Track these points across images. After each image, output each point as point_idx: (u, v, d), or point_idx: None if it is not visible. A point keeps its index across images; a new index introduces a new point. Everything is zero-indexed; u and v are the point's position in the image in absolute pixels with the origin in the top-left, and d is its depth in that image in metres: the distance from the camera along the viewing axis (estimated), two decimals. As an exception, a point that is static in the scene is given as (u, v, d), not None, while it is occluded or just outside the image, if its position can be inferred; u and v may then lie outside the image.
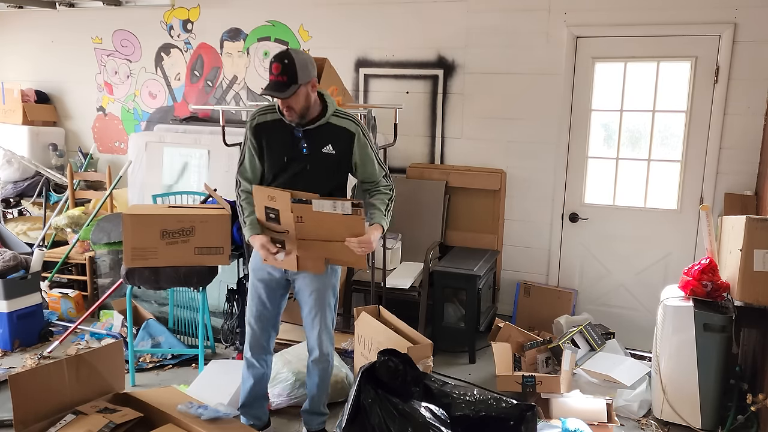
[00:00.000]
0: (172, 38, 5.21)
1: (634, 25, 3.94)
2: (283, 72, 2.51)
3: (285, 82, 2.51)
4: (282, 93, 2.51)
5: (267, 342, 2.95)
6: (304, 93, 2.58)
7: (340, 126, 2.68)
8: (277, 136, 2.70)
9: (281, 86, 2.51)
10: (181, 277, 3.51)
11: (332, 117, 2.69)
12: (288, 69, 2.51)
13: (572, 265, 4.38)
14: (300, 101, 2.58)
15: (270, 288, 2.86)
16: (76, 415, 2.57)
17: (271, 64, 2.55)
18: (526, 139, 4.32)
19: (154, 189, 4.94)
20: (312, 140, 2.67)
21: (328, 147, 2.67)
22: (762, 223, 2.89)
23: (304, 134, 2.66)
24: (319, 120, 2.66)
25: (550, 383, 3.29)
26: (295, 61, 2.52)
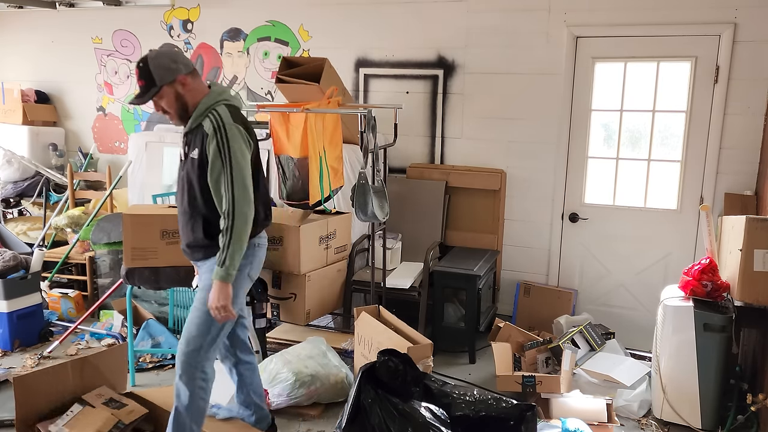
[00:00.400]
0: (172, 38, 5.21)
1: (634, 25, 3.94)
2: (140, 76, 2.41)
3: (144, 86, 2.42)
4: (140, 99, 2.43)
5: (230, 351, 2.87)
6: (172, 93, 2.44)
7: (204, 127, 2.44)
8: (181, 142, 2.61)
9: (141, 91, 2.42)
10: (181, 277, 3.51)
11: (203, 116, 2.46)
12: (143, 72, 2.40)
13: (572, 265, 4.38)
14: (171, 102, 2.46)
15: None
16: (82, 405, 2.57)
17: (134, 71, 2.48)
18: (526, 139, 4.32)
19: (154, 189, 4.94)
20: (186, 144, 2.51)
21: (194, 151, 2.46)
22: (762, 223, 2.89)
23: (184, 137, 2.53)
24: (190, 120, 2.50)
25: (550, 383, 3.29)
26: (149, 62, 2.39)
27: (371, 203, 3.28)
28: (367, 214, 3.48)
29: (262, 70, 4.98)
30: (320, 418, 3.29)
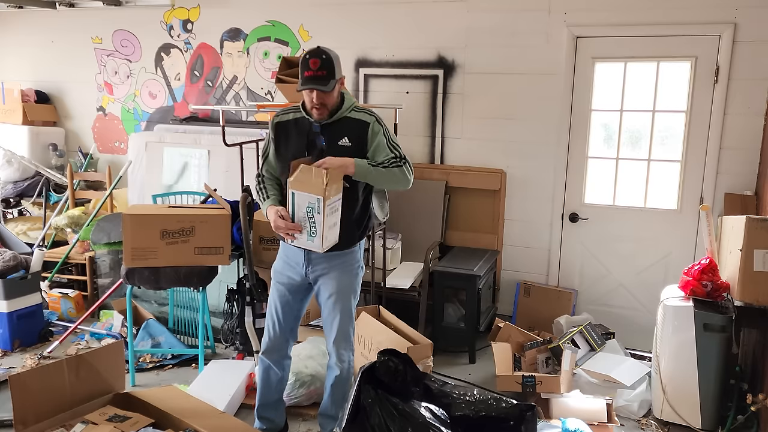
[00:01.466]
0: (172, 38, 5.21)
1: (634, 25, 3.94)
2: (322, 66, 2.54)
3: (324, 76, 2.55)
4: (324, 86, 2.55)
5: (283, 347, 2.92)
6: (338, 89, 2.65)
7: (356, 119, 2.70)
8: (295, 133, 2.73)
9: (321, 80, 2.55)
10: (181, 277, 3.51)
11: (350, 112, 2.71)
12: (326, 63, 2.55)
13: (572, 265, 4.38)
14: (334, 97, 2.64)
15: (291, 292, 2.85)
16: (85, 424, 2.57)
17: (306, 60, 2.56)
18: (526, 139, 4.32)
19: (154, 189, 4.94)
20: (329, 134, 2.68)
21: (344, 140, 2.67)
22: (762, 223, 2.89)
23: (321, 129, 2.68)
24: (337, 114, 2.68)
25: (550, 383, 3.29)
26: (331, 55, 2.58)
27: (372, 203, 3.27)
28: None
29: (262, 70, 4.98)
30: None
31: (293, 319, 2.91)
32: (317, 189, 2.45)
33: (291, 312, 2.88)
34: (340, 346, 2.80)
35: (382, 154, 2.69)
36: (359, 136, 2.68)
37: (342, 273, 2.77)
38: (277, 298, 2.86)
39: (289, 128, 2.75)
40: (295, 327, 2.95)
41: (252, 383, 3.48)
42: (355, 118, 2.70)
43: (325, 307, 2.81)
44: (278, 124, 2.78)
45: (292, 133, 2.74)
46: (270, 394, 2.98)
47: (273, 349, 2.91)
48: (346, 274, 2.78)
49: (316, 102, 2.60)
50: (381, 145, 2.69)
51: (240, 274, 3.98)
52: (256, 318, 3.55)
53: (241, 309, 3.61)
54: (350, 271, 2.80)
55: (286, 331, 2.90)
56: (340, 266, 2.76)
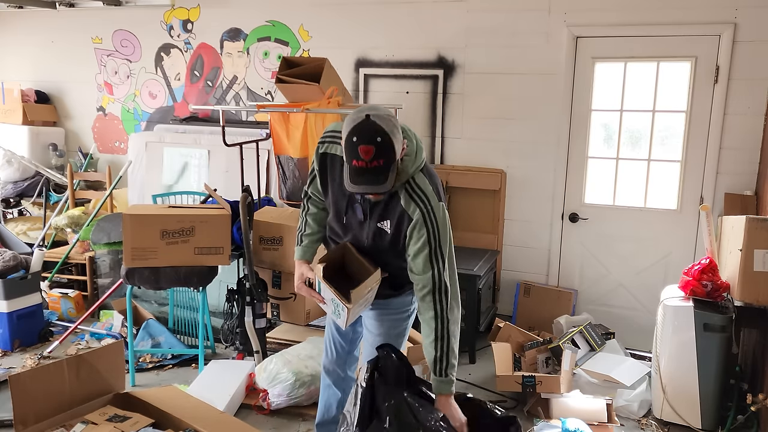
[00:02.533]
0: (172, 38, 5.21)
1: (634, 25, 3.94)
2: (378, 155, 1.90)
3: (382, 166, 1.92)
4: (383, 186, 1.94)
5: (341, 367, 2.63)
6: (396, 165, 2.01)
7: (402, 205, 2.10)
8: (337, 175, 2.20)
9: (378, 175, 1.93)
10: (181, 277, 3.51)
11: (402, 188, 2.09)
12: (384, 149, 1.91)
13: (572, 265, 4.38)
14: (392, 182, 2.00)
15: None
16: (85, 424, 2.57)
17: (355, 146, 1.91)
18: (526, 139, 4.32)
19: (154, 189, 4.95)
20: (370, 207, 2.16)
21: (385, 223, 2.14)
22: (762, 223, 2.90)
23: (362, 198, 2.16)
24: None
25: (550, 383, 3.29)
26: (388, 133, 1.92)
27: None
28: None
29: (262, 70, 4.98)
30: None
31: (350, 342, 2.60)
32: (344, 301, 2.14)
33: (345, 334, 2.57)
34: None
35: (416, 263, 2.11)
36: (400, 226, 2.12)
37: (388, 314, 2.39)
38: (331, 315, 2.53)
39: (335, 168, 2.20)
40: (352, 350, 2.62)
41: (252, 383, 3.48)
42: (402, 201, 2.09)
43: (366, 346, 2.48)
44: (324, 155, 2.23)
45: (336, 177, 2.20)
46: (330, 413, 2.70)
47: (331, 369, 2.64)
48: (392, 318, 2.40)
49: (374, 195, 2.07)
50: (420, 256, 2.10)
51: (240, 274, 3.98)
52: (256, 318, 3.56)
53: (241, 309, 3.61)
54: (397, 315, 2.41)
55: (343, 354, 2.61)
56: (386, 306, 2.39)
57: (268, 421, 3.28)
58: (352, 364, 2.67)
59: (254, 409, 3.38)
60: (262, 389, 3.39)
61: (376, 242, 2.20)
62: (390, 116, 1.98)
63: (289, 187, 4.59)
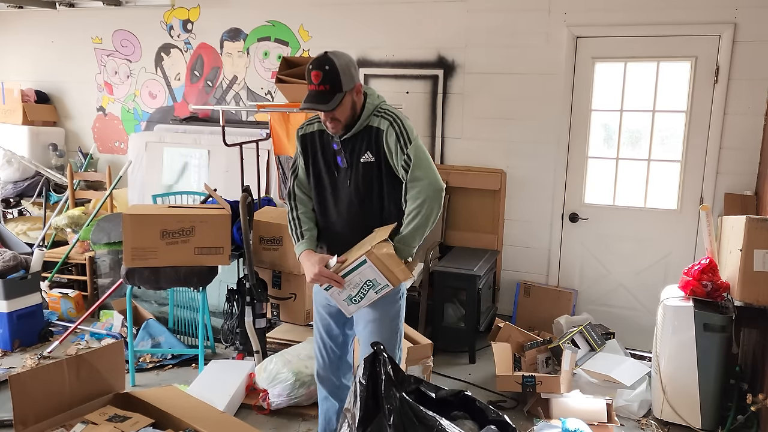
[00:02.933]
0: (172, 38, 5.21)
1: (634, 25, 3.94)
2: (324, 80, 2.22)
3: (327, 90, 2.23)
4: (325, 105, 2.23)
5: (335, 374, 2.61)
6: (349, 101, 2.29)
7: (374, 126, 2.33)
8: (320, 148, 2.43)
9: (323, 96, 2.23)
10: (181, 277, 3.51)
11: (370, 118, 2.35)
12: (329, 76, 2.22)
13: (572, 265, 4.38)
14: (346, 111, 2.29)
15: (331, 315, 2.55)
16: (85, 424, 2.57)
17: (308, 72, 2.26)
18: (526, 139, 4.32)
19: (154, 189, 4.95)
20: (350, 150, 2.35)
21: (366, 155, 2.32)
22: (762, 223, 2.90)
23: (342, 145, 2.36)
24: (356, 125, 2.33)
25: (550, 383, 3.29)
26: (337, 66, 2.23)
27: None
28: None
29: (262, 70, 4.98)
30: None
31: (340, 346, 2.60)
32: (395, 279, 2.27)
33: (335, 338, 2.58)
34: None
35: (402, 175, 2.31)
36: (379, 147, 2.32)
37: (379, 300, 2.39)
38: (319, 322, 2.60)
39: (315, 141, 2.44)
40: (344, 354, 2.62)
41: (252, 383, 3.48)
42: (372, 125, 2.33)
43: (361, 338, 2.47)
44: (303, 137, 2.47)
45: (318, 147, 2.44)
46: (331, 426, 2.68)
47: (325, 377, 2.63)
48: (382, 300, 2.39)
49: (326, 117, 2.31)
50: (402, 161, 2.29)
51: (240, 274, 3.97)
52: (256, 318, 3.56)
53: (241, 309, 3.62)
54: (387, 297, 2.39)
55: (335, 359, 2.60)
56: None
57: (268, 421, 3.28)
58: (346, 372, 2.64)
59: (254, 409, 3.38)
60: (262, 389, 3.39)
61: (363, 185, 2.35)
62: (346, 56, 2.31)
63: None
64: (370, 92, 2.40)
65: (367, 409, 2.14)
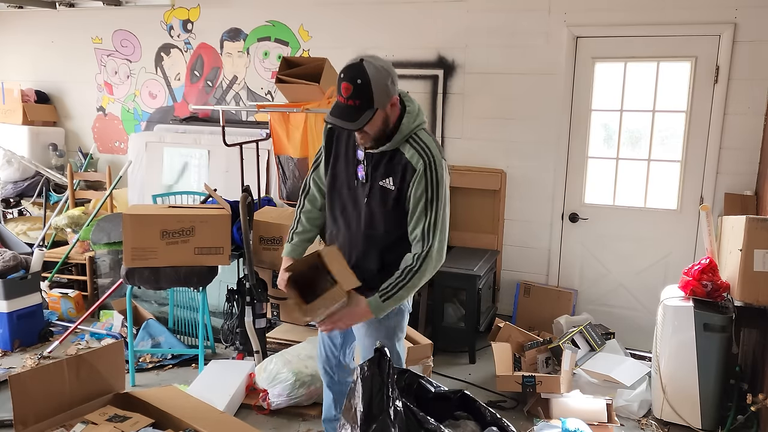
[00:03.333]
0: (172, 38, 5.21)
1: (634, 25, 3.94)
2: (354, 95, 2.03)
3: (356, 106, 2.04)
4: (352, 123, 2.04)
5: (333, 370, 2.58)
6: (381, 117, 2.10)
7: (405, 156, 2.15)
8: (342, 148, 2.27)
9: (351, 113, 2.04)
10: (181, 277, 3.51)
11: (404, 143, 2.16)
12: (361, 91, 2.03)
13: (572, 265, 4.38)
14: (376, 126, 2.10)
15: None
16: (85, 424, 2.57)
17: (339, 82, 2.08)
18: (526, 139, 4.32)
19: (154, 189, 4.94)
20: (373, 167, 2.19)
21: (387, 180, 2.17)
22: (762, 223, 2.90)
23: (365, 157, 2.20)
24: (387, 143, 2.15)
25: (550, 383, 3.29)
26: (371, 80, 2.04)
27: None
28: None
29: (262, 70, 4.98)
30: (320, 418, 3.28)
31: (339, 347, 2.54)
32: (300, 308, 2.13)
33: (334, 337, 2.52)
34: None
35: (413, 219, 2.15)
36: (403, 181, 2.15)
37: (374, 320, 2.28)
38: None
39: (342, 139, 2.28)
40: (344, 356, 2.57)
41: (252, 383, 3.48)
42: (406, 154, 2.14)
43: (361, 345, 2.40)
44: (331, 129, 2.30)
45: (342, 146, 2.28)
46: (330, 413, 2.69)
47: (324, 371, 2.61)
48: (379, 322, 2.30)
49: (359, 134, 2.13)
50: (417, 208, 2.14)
51: (240, 274, 3.98)
52: (256, 318, 3.56)
53: (241, 309, 3.61)
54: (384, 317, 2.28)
55: (332, 358, 2.56)
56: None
57: (268, 421, 3.28)
58: (345, 373, 2.61)
59: (254, 409, 3.38)
60: (262, 389, 3.39)
61: (376, 206, 2.20)
62: (384, 68, 2.09)
63: (289, 187, 4.60)
64: (410, 107, 2.19)
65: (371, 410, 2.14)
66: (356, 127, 2.06)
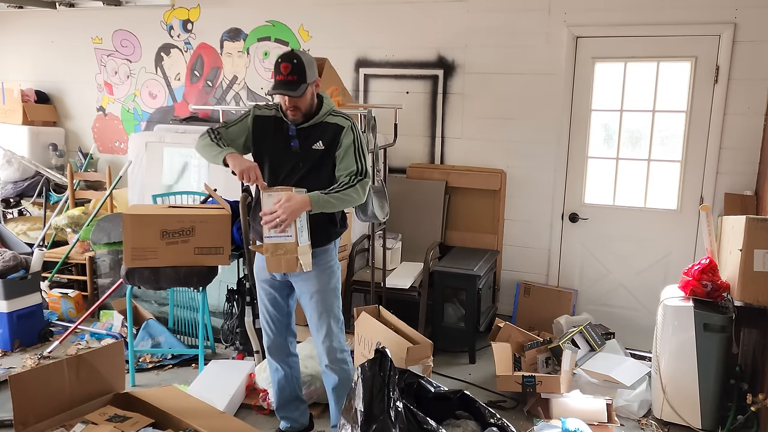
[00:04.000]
0: (172, 38, 5.21)
1: (634, 25, 3.94)
2: (293, 71, 2.57)
3: (295, 80, 2.57)
4: (294, 91, 2.56)
5: (284, 343, 2.96)
6: (311, 92, 2.65)
7: (332, 123, 2.71)
8: (272, 132, 2.75)
9: (291, 85, 2.57)
10: (181, 277, 3.51)
11: (327, 116, 2.73)
12: (297, 68, 2.57)
13: (572, 265, 4.38)
14: (307, 100, 2.65)
15: (275, 289, 2.85)
16: (85, 424, 2.57)
17: (278, 64, 2.59)
18: (526, 139, 4.32)
19: (154, 189, 4.94)
20: (304, 137, 2.70)
21: (318, 143, 2.69)
22: (762, 223, 2.90)
23: (297, 132, 2.71)
24: (314, 118, 2.70)
25: (550, 383, 3.29)
26: (303, 60, 2.59)
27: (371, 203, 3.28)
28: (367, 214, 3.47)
29: (262, 70, 4.98)
30: (320, 418, 3.29)
31: (285, 315, 2.92)
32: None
33: (281, 309, 2.89)
34: (329, 347, 2.76)
35: (345, 161, 2.68)
36: (333, 139, 2.69)
37: (318, 272, 2.73)
38: (264, 297, 2.89)
39: (268, 125, 2.77)
40: (290, 323, 2.97)
41: (252, 383, 3.48)
42: (331, 122, 2.72)
43: (308, 308, 2.80)
44: (257, 117, 2.80)
45: (269, 131, 2.76)
46: (284, 393, 3.01)
47: (274, 349, 2.95)
48: (323, 273, 2.75)
49: (289, 105, 2.63)
50: (348, 153, 2.68)
51: (240, 274, 3.97)
52: (256, 318, 3.55)
53: (241, 309, 3.62)
54: (326, 269, 2.77)
55: (282, 329, 2.92)
56: (315, 265, 2.68)
57: (268, 421, 3.28)
58: (292, 340, 2.99)
59: (254, 409, 3.38)
60: (262, 389, 3.39)
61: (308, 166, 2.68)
62: (310, 57, 2.68)
63: (289, 187, 4.58)
64: (325, 95, 2.79)
65: (371, 410, 2.14)
66: (297, 95, 2.57)
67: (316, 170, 2.70)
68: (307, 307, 2.81)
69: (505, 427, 2.23)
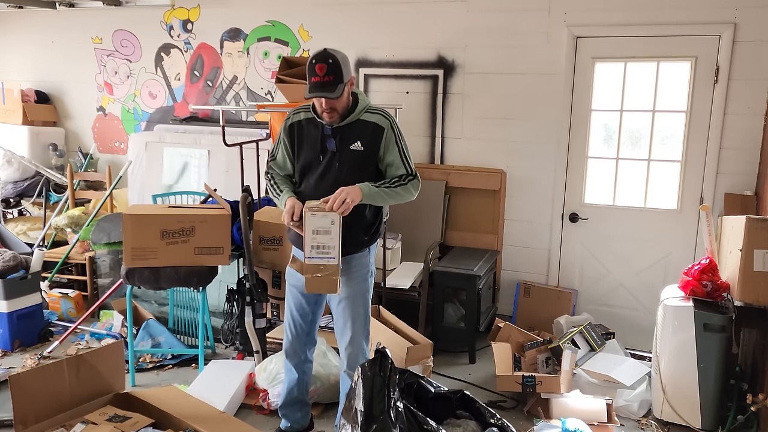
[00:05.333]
0: (172, 38, 5.22)
1: (634, 25, 3.94)
2: (329, 72, 2.50)
3: (331, 81, 2.50)
4: (332, 93, 2.50)
5: (302, 349, 2.92)
6: (347, 92, 2.59)
7: (370, 121, 2.64)
8: (307, 135, 2.70)
9: (328, 86, 2.50)
10: (181, 277, 3.51)
11: (364, 113, 2.66)
12: (333, 68, 2.50)
13: (572, 265, 4.38)
14: (344, 101, 2.58)
15: (303, 295, 2.79)
16: (85, 424, 2.57)
17: (312, 65, 2.52)
18: (526, 139, 4.32)
19: (154, 189, 4.94)
20: (340, 137, 2.64)
21: (356, 144, 2.63)
22: (762, 223, 2.90)
23: (333, 131, 2.64)
24: (349, 116, 2.63)
25: (550, 383, 3.29)
26: (338, 59, 2.52)
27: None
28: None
29: (262, 70, 4.98)
30: (320, 418, 3.29)
31: (309, 323, 2.88)
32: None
33: (305, 316, 2.85)
34: (351, 354, 2.73)
35: (393, 168, 2.65)
36: (373, 140, 2.63)
37: (350, 278, 2.70)
38: (291, 300, 2.85)
39: (303, 129, 2.71)
40: (312, 331, 2.92)
41: (252, 383, 3.48)
42: (369, 120, 2.64)
43: (336, 312, 2.78)
44: (292, 125, 2.73)
45: (304, 134, 2.70)
46: (291, 395, 2.99)
47: (292, 352, 2.92)
48: (355, 279, 2.72)
49: (326, 107, 2.56)
50: (395, 158, 2.65)
51: (240, 274, 3.98)
52: (256, 318, 3.55)
53: (241, 309, 3.61)
54: (359, 275, 2.73)
55: (303, 335, 2.89)
56: (348, 271, 2.68)
57: (268, 421, 3.28)
58: (311, 347, 2.96)
59: (254, 409, 3.38)
60: (262, 389, 3.39)
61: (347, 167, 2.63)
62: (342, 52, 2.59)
63: (289, 187, 4.58)
64: (357, 90, 2.72)
65: (371, 411, 2.15)
66: (335, 96, 2.50)
67: (356, 171, 2.63)
68: (335, 311, 2.79)
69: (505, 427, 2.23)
